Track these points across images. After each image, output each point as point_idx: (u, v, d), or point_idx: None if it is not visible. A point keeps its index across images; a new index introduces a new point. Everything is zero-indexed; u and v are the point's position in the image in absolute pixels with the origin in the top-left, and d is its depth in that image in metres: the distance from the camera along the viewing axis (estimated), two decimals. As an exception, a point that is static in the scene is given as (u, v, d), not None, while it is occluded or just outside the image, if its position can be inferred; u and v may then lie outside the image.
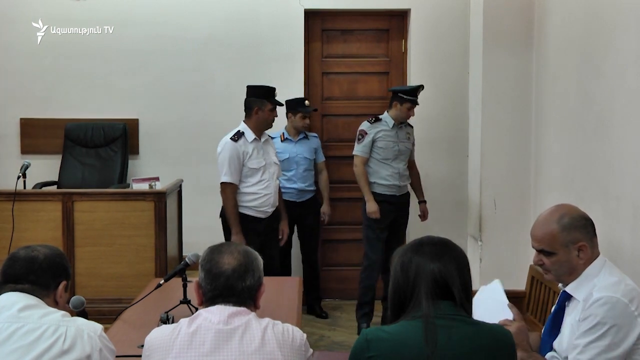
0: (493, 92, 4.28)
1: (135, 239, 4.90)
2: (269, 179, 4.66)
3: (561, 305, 2.45)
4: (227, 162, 4.56)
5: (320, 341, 5.02)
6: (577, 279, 2.38)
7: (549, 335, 2.47)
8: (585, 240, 2.37)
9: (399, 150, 5.19)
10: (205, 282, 2.03)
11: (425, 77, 5.88)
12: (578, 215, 2.40)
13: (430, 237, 2.03)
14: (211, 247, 2.11)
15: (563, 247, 2.37)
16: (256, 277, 2.05)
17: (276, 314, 2.33)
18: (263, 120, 4.65)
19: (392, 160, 5.17)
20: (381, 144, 5.17)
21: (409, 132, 5.31)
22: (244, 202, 4.63)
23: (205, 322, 1.95)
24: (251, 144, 4.63)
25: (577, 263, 2.37)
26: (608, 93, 3.17)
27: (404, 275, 1.92)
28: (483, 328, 1.90)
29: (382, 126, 5.20)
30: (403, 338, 1.84)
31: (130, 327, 2.99)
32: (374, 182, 5.19)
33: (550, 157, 3.96)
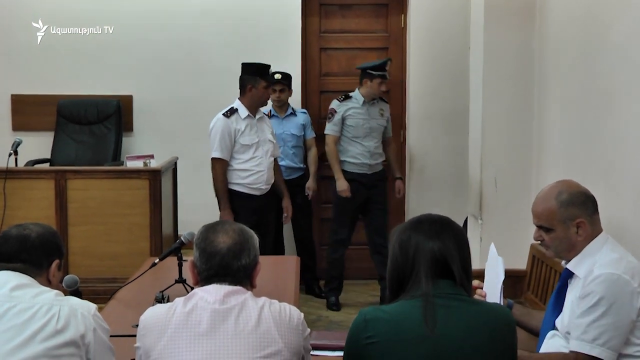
0: (494, 68, 4.25)
1: (130, 217, 4.90)
2: (262, 156, 4.70)
3: (564, 282, 2.46)
4: (218, 138, 4.61)
5: (318, 321, 5.05)
6: (578, 256, 2.39)
7: (551, 313, 2.48)
8: (583, 217, 2.37)
9: (370, 127, 5.24)
10: (200, 261, 2.03)
11: (425, 53, 5.85)
12: (577, 192, 2.41)
13: (429, 215, 2.03)
14: (206, 225, 2.10)
15: (561, 223, 2.38)
16: (252, 256, 2.04)
17: (273, 293, 2.33)
18: (257, 98, 4.69)
19: (363, 138, 5.22)
20: (351, 121, 5.22)
21: (383, 109, 5.33)
22: (236, 179, 4.68)
23: (201, 302, 1.95)
24: (244, 120, 4.66)
25: (575, 240, 2.38)
26: (612, 67, 3.15)
27: (403, 254, 1.92)
28: (483, 307, 1.91)
29: (352, 104, 5.24)
30: (402, 317, 1.84)
31: (124, 306, 3.00)
32: (344, 160, 5.25)
33: (553, 133, 3.95)
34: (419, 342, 1.82)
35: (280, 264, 3.85)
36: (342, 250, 5.31)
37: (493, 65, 4.26)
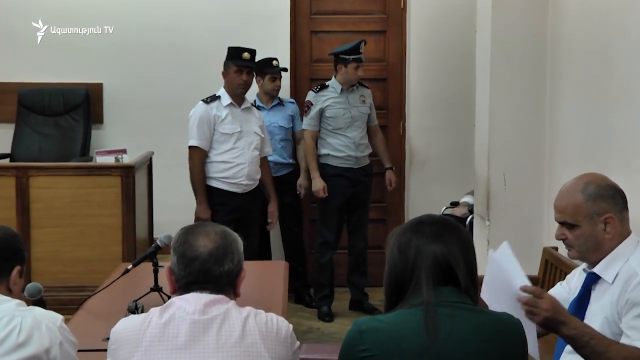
0: (503, 54, 4.26)
1: (100, 218, 4.89)
2: (243, 148, 4.73)
3: (587, 288, 2.44)
4: (196, 125, 4.67)
5: (309, 333, 5.05)
6: (606, 258, 2.36)
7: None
8: (612, 212, 2.35)
9: (352, 116, 5.27)
10: (178, 267, 2.03)
11: (426, 37, 5.86)
12: (606, 184, 2.39)
13: (431, 215, 2.03)
14: (185, 227, 2.10)
15: (587, 218, 2.35)
16: (236, 261, 2.04)
17: (259, 302, 2.32)
18: (229, 84, 4.76)
19: (346, 129, 5.26)
20: (330, 112, 5.26)
21: (364, 95, 5.36)
22: (214, 173, 4.71)
23: (179, 312, 1.95)
24: (226, 108, 4.70)
25: (603, 238, 2.36)
26: (633, 54, 3.17)
27: (402, 258, 1.92)
28: (490, 317, 1.91)
29: (329, 94, 5.27)
30: (401, 328, 1.85)
31: (94, 317, 3.00)
32: (327, 154, 5.29)
33: (567, 126, 3.97)
34: (420, 355, 1.82)
35: (266, 269, 3.85)
36: (330, 253, 5.33)
37: (501, 51, 4.27)
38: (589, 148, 3.65)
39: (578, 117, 3.82)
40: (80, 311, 3.07)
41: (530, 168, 4.29)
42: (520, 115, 4.28)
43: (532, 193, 4.21)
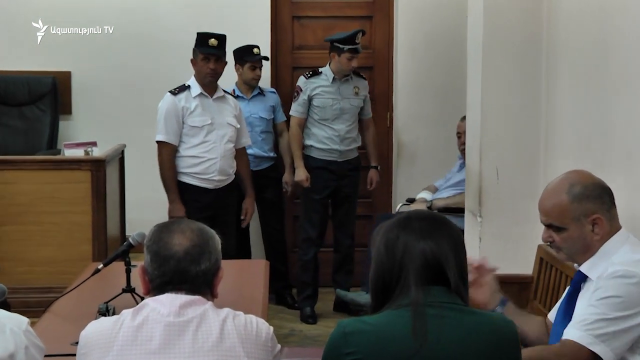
0: (496, 40, 4.27)
1: (69, 216, 4.88)
2: (215, 141, 4.72)
3: (576, 287, 2.48)
4: (163, 118, 4.69)
5: (291, 336, 5.06)
6: (593, 257, 2.40)
7: (560, 323, 2.49)
8: (600, 212, 2.38)
9: (341, 108, 5.29)
10: (152, 266, 2.02)
11: (415, 22, 5.87)
12: (592, 183, 2.42)
13: (420, 211, 2.04)
14: (159, 225, 2.10)
15: (574, 220, 2.39)
16: (213, 260, 2.04)
17: (238, 303, 2.33)
18: (197, 73, 4.76)
19: (332, 120, 5.29)
20: (318, 101, 5.28)
21: (358, 87, 5.37)
22: (184, 168, 4.72)
23: (152, 314, 1.95)
24: (195, 99, 4.69)
25: (591, 239, 2.39)
26: (633, 42, 3.18)
27: (389, 256, 1.92)
28: (482, 318, 1.92)
29: (320, 81, 5.29)
30: (387, 330, 1.85)
31: (62, 320, 2.99)
32: (311, 145, 5.33)
33: (564, 117, 3.98)
34: (408, 358, 1.83)
35: (245, 269, 3.85)
36: (313, 250, 5.34)
37: (494, 37, 4.27)
38: (586, 140, 3.66)
39: (575, 107, 3.83)
40: (47, 314, 3.06)
41: (524, 162, 4.30)
42: (514, 106, 4.29)
43: (526, 188, 4.22)
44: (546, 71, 4.20)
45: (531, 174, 4.28)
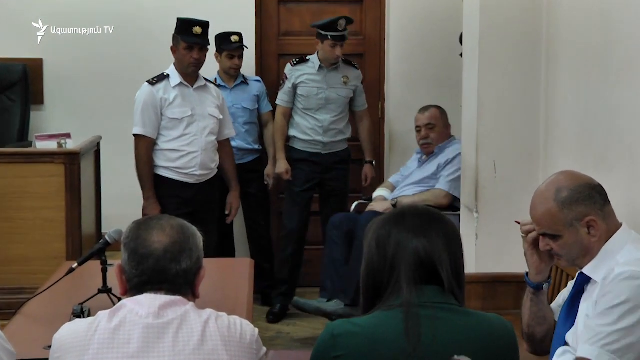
0: (494, 26, 4.28)
1: (41, 212, 4.87)
2: (195, 134, 4.72)
3: (579, 289, 2.49)
4: (140, 110, 4.67)
5: (277, 338, 5.07)
6: (596, 258, 2.41)
7: (563, 326, 2.50)
8: (593, 214, 2.39)
9: (327, 98, 5.31)
10: (129, 265, 2.02)
11: (408, 7, 5.87)
12: (579, 185, 2.42)
13: (414, 206, 2.05)
14: (137, 221, 2.10)
15: (567, 227, 2.40)
16: (194, 259, 2.04)
17: (221, 304, 2.33)
18: (179, 62, 4.75)
19: (316, 110, 5.31)
20: (303, 90, 5.31)
21: (348, 77, 5.38)
22: (163, 162, 4.71)
23: (130, 315, 1.95)
24: (175, 89, 4.67)
25: (589, 242, 2.40)
26: (636, 31, 3.19)
27: (381, 254, 1.93)
28: (477, 319, 1.92)
29: (306, 69, 5.31)
30: (379, 332, 1.86)
31: (34, 323, 2.99)
32: (294, 136, 5.38)
33: (564, 108, 4.00)
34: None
35: (229, 268, 3.86)
36: (292, 247, 5.36)
37: (492, 23, 4.28)
38: (588, 132, 3.68)
39: (576, 97, 3.85)
40: (18, 316, 3.05)
41: (523, 154, 4.31)
42: (513, 96, 4.30)
43: (525, 182, 4.23)
44: (546, 60, 4.22)
45: (530, 167, 4.29)
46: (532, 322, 2.60)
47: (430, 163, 5.03)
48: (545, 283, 2.57)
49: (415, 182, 5.01)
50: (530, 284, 2.58)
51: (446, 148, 5.04)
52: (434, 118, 5.06)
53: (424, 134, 5.03)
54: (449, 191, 4.86)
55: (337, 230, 4.93)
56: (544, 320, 2.59)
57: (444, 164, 4.95)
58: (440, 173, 4.93)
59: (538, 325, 2.59)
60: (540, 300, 2.58)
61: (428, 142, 5.03)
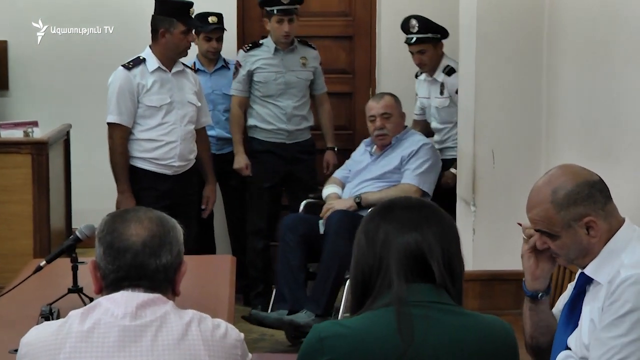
0: (492, 8, 4.28)
1: (6, 206, 4.87)
2: (174, 123, 4.71)
3: (580, 290, 2.49)
4: (115, 97, 4.64)
5: (261, 341, 5.07)
6: (598, 258, 2.41)
7: (564, 329, 2.51)
8: (593, 214, 2.38)
9: (286, 82, 5.28)
10: (105, 260, 2.00)
11: (401, -14, 5.87)
12: (577, 184, 2.41)
13: (406, 198, 2.04)
14: (112, 213, 2.08)
15: (565, 228, 2.40)
16: (174, 253, 2.02)
17: (200, 304, 2.33)
18: (173, 47, 4.69)
19: (277, 96, 5.28)
20: (260, 76, 5.28)
21: (307, 57, 5.34)
22: (140, 153, 4.69)
23: (105, 316, 1.93)
24: (152, 74, 4.65)
25: (588, 242, 2.40)
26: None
27: (370, 249, 1.93)
28: (473, 320, 1.92)
29: (261, 53, 5.28)
30: (369, 333, 1.86)
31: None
32: (254, 125, 5.34)
33: (568, 95, 4.01)
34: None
35: (209, 265, 3.85)
36: (261, 243, 5.34)
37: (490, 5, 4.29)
38: (593, 121, 3.69)
39: (580, 84, 3.86)
40: (-18, 317, 3.05)
41: (523, 143, 4.32)
42: (512, 81, 4.31)
43: (526, 173, 4.24)
44: (548, 44, 4.22)
45: (531, 156, 4.30)
46: (535, 333, 2.58)
47: (389, 156, 4.98)
48: (542, 293, 2.55)
49: (375, 177, 4.96)
50: (526, 292, 2.56)
51: (404, 139, 5.00)
52: (390, 107, 4.99)
53: (379, 124, 4.95)
54: (419, 186, 4.81)
55: (292, 234, 4.83)
56: (548, 330, 2.57)
57: (408, 157, 4.91)
58: (405, 166, 4.88)
59: (542, 336, 2.58)
60: (540, 309, 2.56)
61: (384, 133, 4.96)
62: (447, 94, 5.20)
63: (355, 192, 4.92)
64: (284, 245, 4.84)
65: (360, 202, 4.80)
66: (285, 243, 4.82)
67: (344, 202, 4.88)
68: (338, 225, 4.65)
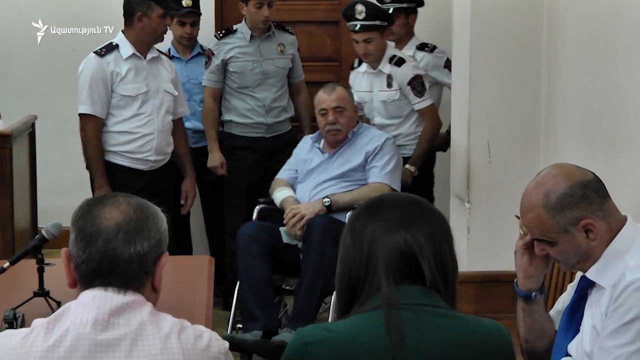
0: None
1: (-33, 203, 4.84)
2: (151, 113, 4.69)
3: (581, 294, 2.50)
4: (87, 86, 4.60)
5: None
6: (600, 261, 2.41)
7: (564, 335, 2.51)
8: (590, 216, 2.38)
9: (264, 72, 5.20)
10: (76, 247, 1.92)
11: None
12: (569, 186, 2.40)
13: (394, 195, 2.05)
14: (90, 198, 2.04)
15: (562, 233, 2.40)
16: (153, 242, 1.95)
17: (176, 308, 2.30)
18: (149, 32, 4.66)
19: (254, 88, 5.20)
20: (235, 66, 5.19)
21: (284, 44, 5.28)
22: (113, 146, 4.67)
23: (73, 327, 1.87)
24: (127, 61, 4.63)
25: (588, 246, 2.40)
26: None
27: (356, 250, 1.93)
28: (467, 323, 1.92)
29: (235, 41, 5.19)
30: (356, 338, 1.86)
31: (-41, 331, 2.96)
32: (230, 120, 5.29)
33: (568, 84, 4.02)
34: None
35: (185, 267, 3.84)
36: None
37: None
38: (595, 111, 3.70)
39: (581, 72, 3.87)
40: (-60, 323, 3.03)
41: (521, 136, 4.34)
42: (510, 69, 4.32)
43: (524, 167, 4.26)
44: (548, 31, 4.23)
45: (529, 149, 4.31)
46: (529, 337, 2.59)
47: (347, 153, 4.80)
48: (536, 292, 2.55)
49: (335, 177, 4.76)
50: (518, 292, 2.57)
51: (361, 134, 4.84)
52: (343, 99, 4.77)
53: (331, 118, 4.71)
54: (390, 184, 4.68)
55: (256, 244, 4.55)
56: (543, 333, 2.58)
57: (373, 153, 4.75)
58: (372, 164, 4.73)
59: (537, 340, 2.58)
60: (534, 310, 2.56)
61: (337, 129, 4.73)
62: (397, 86, 5.04)
63: (315, 194, 4.71)
64: (247, 258, 4.54)
65: (331, 205, 4.62)
66: (249, 255, 4.54)
67: (310, 206, 4.64)
68: (323, 233, 4.45)
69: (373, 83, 5.18)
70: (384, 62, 5.08)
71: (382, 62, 5.08)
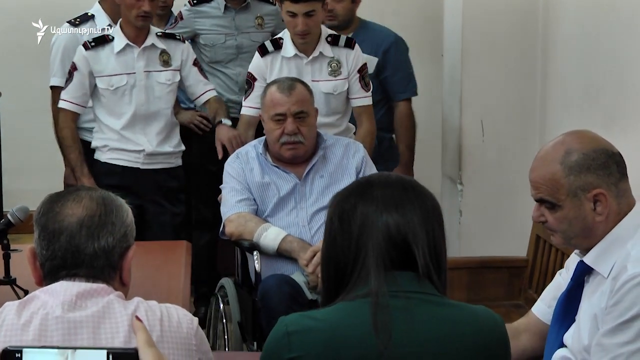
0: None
1: None
2: None
3: (578, 281, 2.50)
4: (59, 58, 4.63)
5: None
6: (600, 244, 2.40)
7: (559, 325, 2.51)
8: (604, 187, 2.37)
9: (238, 46, 5.04)
10: (40, 245, 2.01)
11: None
12: (594, 150, 2.41)
13: (386, 174, 2.05)
14: (52, 194, 2.08)
15: (570, 196, 2.38)
16: (118, 236, 2.01)
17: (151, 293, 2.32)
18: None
19: (227, 63, 5.05)
20: (206, 38, 5.04)
21: (262, 16, 5.14)
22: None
23: (42, 310, 1.94)
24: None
25: (593, 220, 2.39)
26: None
27: (345, 232, 1.93)
28: (460, 311, 1.93)
29: (209, 10, 5.03)
30: (342, 328, 1.86)
31: None
32: None
33: (566, 59, 4.03)
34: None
35: (162, 250, 3.85)
36: (207, 236, 5.10)
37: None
38: (594, 88, 3.72)
39: (579, 47, 3.88)
40: None
41: (516, 114, 4.35)
42: (504, 44, 4.33)
43: (519, 145, 4.28)
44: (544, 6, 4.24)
45: (525, 127, 4.33)
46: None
47: (326, 170, 4.00)
48: None
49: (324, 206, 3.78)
50: None
51: (333, 144, 4.06)
52: (305, 102, 3.94)
53: (292, 127, 3.86)
54: None
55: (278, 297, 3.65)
56: None
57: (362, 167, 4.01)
58: None
59: None
60: None
61: (297, 141, 3.88)
62: (345, 74, 4.38)
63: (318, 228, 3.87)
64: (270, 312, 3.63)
65: None
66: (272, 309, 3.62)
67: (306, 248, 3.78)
68: None
69: (304, 71, 4.42)
70: (322, 43, 4.42)
71: (320, 44, 4.41)
